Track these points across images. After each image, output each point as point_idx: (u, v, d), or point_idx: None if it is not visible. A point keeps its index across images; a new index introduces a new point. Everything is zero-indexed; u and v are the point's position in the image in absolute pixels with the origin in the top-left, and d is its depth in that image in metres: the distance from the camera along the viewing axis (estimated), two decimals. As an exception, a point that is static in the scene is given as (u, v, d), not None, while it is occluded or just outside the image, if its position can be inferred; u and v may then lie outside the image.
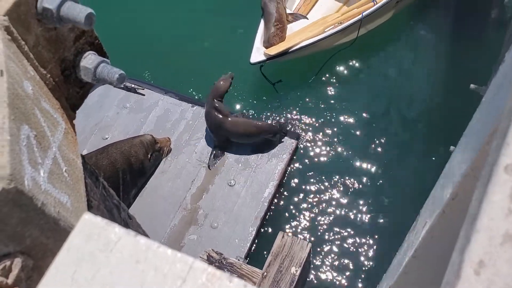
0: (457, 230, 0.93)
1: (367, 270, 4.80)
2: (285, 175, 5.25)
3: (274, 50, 5.55)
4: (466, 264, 0.75)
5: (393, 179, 5.28)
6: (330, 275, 4.79)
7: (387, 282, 2.21)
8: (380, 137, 5.54)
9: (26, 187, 1.42)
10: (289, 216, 5.10)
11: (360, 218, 5.06)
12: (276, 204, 5.13)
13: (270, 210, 5.04)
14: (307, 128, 5.62)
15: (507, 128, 0.84)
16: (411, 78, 6.07)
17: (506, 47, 4.50)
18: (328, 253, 4.89)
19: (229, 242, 4.73)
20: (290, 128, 5.54)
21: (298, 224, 5.05)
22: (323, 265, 4.83)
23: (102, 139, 5.39)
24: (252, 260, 4.71)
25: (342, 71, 6.07)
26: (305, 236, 4.96)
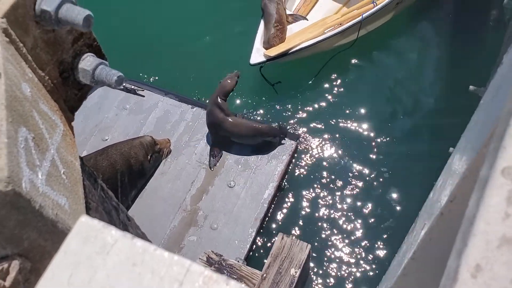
0: (455, 232, 0.92)
1: (366, 271, 4.80)
2: (285, 177, 5.25)
3: (273, 52, 5.55)
4: (463, 267, 0.75)
5: (392, 180, 5.28)
6: (329, 277, 4.78)
7: (386, 284, 2.21)
8: (380, 138, 5.54)
9: (24, 190, 1.42)
10: (289, 217, 5.09)
11: (359, 219, 5.05)
12: (276, 206, 5.13)
13: (269, 212, 5.04)
14: (306, 129, 5.62)
15: (504, 131, 0.83)
16: (411, 79, 6.08)
17: (505, 48, 4.50)
18: (327, 255, 4.88)
19: (229, 243, 4.73)
20: (290, 130, 5.53)
21: (298, 226, 5.04)
22: (323, 267, 4.83)
23: (102, 140, 5.39)
24: (251, 261, 4.71)
25: (342, 72, 6.06)
26: (305, 237, 4.95)
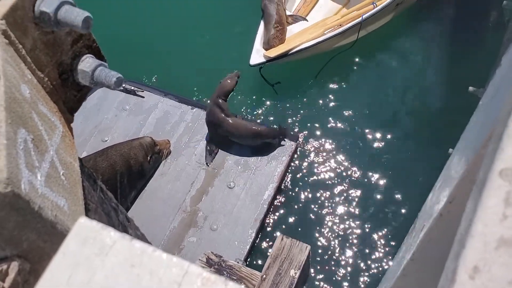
0: (454, 234, 0.92)
1: (366, 272, 4.80)
2: (285, 177, 5.25)
3: (273, 52, 5.55)
4: (461, 269, 0.75)
5: (392, 180, 5.28)
6: (329, 278, 4.78)
7: (385, 284, 2.21)
8: (379, 139, 5.55)
9: (23, 191, 1.42)
10: (289, 218, 5.09)
11: (359, 220, 5.05)
12: (276, 207, 5.13)
13: (269, 213, 5.04)
14: (306, 130, 5.62)
15: (502, 132, 0.83)
16: (411, 80, 6.08)
17: (504, 49, 4.51)
18: (327, 256, 4.88)
19: (229, 244, 4.73)
20: (289, 131, 5.53)
21: (298, 227, 5.04)
22: (322, 268, 4.83)
23: (102, 141, 5.39)
24: (251, 262, 4.71)
25: (342, 73, 6.06)
26: (304, 238, 4.94)
